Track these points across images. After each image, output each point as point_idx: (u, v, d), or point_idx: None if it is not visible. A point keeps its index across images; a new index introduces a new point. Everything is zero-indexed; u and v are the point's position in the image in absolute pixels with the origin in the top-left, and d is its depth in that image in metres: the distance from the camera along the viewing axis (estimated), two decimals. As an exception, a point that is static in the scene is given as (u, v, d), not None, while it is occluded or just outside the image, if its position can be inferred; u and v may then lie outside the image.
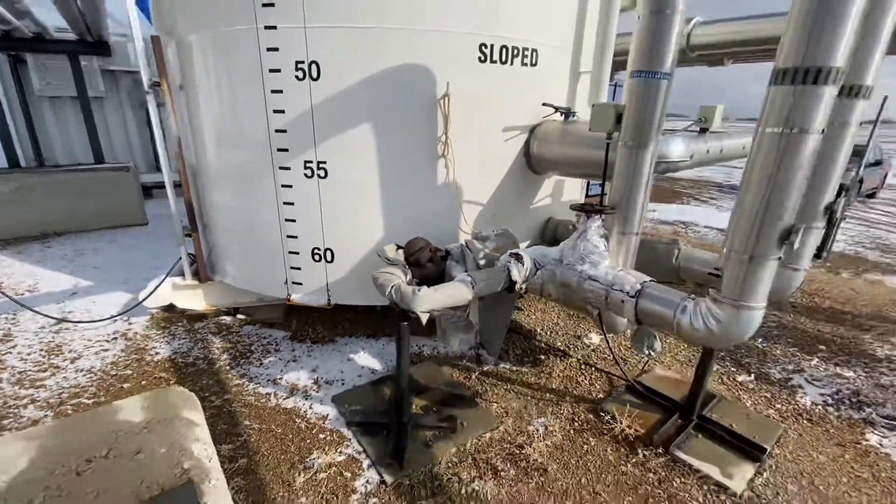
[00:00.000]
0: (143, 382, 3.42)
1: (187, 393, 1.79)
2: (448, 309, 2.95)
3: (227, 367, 3.66)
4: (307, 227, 3.71)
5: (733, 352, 4.01)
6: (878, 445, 2.99)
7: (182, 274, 4.49)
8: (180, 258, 4.40)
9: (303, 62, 3.29)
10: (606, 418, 3.11)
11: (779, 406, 3.35)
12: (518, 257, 3.02)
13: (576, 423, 3.10)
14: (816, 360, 3.99)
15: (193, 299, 4.49)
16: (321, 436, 2.93)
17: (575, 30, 3.94)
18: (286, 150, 3.54)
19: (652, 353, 2.85)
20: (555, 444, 2.90)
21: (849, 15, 1.84)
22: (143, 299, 4.30)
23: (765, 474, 2.69)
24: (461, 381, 3.54)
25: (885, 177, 12.27)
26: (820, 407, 3.36)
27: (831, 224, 2.94)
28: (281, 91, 3.38)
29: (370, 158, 3.51)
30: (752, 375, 3.73)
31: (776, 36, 4.81)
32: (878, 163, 11.11)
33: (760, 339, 4.27)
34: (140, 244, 6.70)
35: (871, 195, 11.78)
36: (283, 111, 3.44)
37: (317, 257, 3.81)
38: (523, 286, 3.07)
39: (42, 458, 1.44)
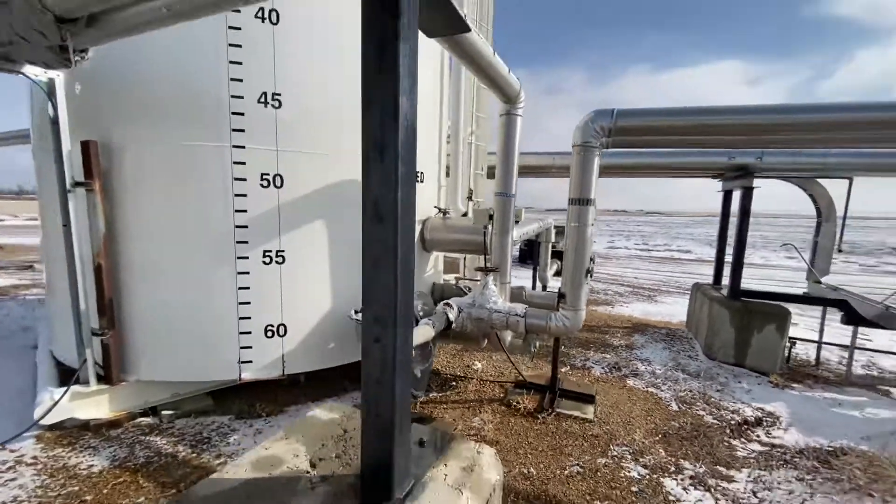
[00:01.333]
0: (105, 491, 3.15)
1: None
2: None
3: (195, 455, 3.65)
4: (262, 307, 4.27)
5: (560, 359, 6.32)
6: (633, 385, 5.56)
7: (78, 381, 4.01)
8: (84, 361, 3.97)
9: (268, 174, 4.19)
10: (514, 404, 4.72)
11: (588, 378, 5.68)
12: (450, 305, 4.51)
13: (498, 413, 4.59)
14: (592, 352, 6.70)
15: (98, 407, 4.03)
16: (335, 470, 3.50)
17: (438, 162, 6.01)
18: (245, 242, 4.18)
19: (534, 349, 4.70)
20: (494, 427, 4.31)
21: (594, 179, 4.34)
22: (42, 416, 3.64)
23: (599, 408, 4.78)
24: (412, 410, 4.57)
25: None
26: (603, 374, 5.85)
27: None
28: (245, 195, 4.12)
29: (322, 245, 4.50)
30: (569, 366, 6.06)
31: (549, 164, 8.08)
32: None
33: (563, 348, 6.79)
34: None
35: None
36: (245, 210, 4.14)
37: (270, 333, 4.33)
38: (454, 324, 4.53)
39: (300, 448, 2.08)
